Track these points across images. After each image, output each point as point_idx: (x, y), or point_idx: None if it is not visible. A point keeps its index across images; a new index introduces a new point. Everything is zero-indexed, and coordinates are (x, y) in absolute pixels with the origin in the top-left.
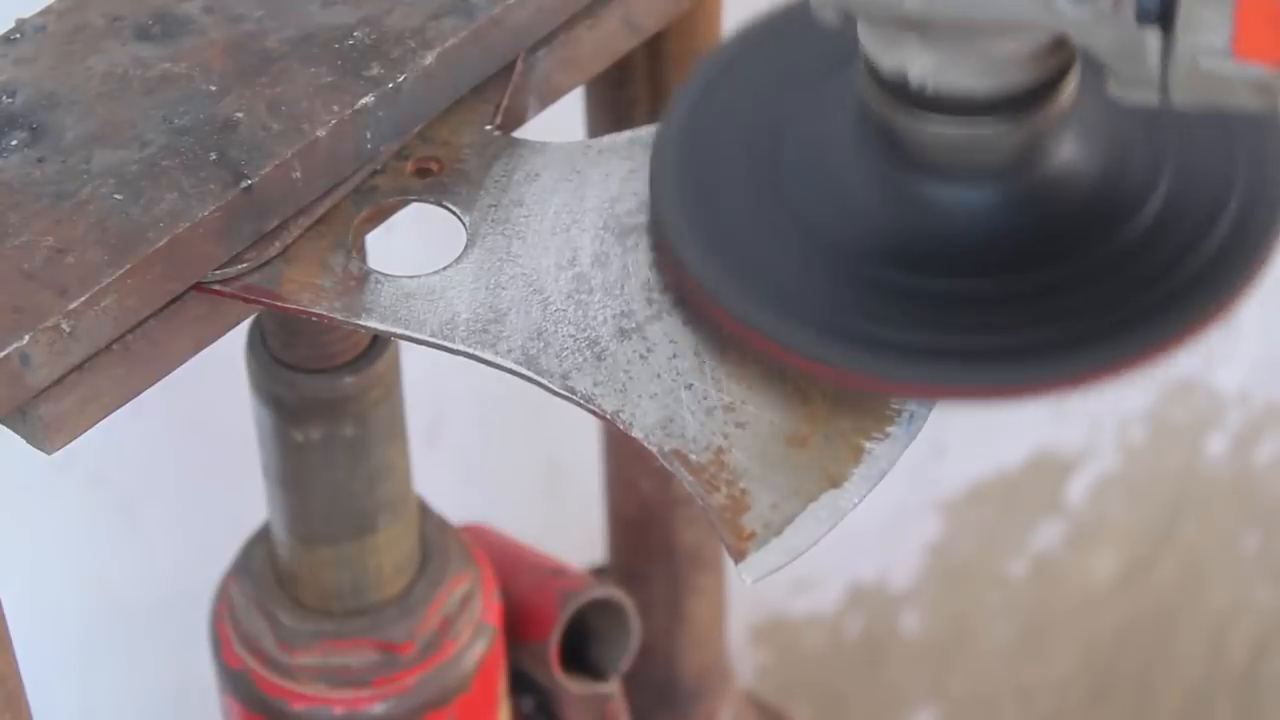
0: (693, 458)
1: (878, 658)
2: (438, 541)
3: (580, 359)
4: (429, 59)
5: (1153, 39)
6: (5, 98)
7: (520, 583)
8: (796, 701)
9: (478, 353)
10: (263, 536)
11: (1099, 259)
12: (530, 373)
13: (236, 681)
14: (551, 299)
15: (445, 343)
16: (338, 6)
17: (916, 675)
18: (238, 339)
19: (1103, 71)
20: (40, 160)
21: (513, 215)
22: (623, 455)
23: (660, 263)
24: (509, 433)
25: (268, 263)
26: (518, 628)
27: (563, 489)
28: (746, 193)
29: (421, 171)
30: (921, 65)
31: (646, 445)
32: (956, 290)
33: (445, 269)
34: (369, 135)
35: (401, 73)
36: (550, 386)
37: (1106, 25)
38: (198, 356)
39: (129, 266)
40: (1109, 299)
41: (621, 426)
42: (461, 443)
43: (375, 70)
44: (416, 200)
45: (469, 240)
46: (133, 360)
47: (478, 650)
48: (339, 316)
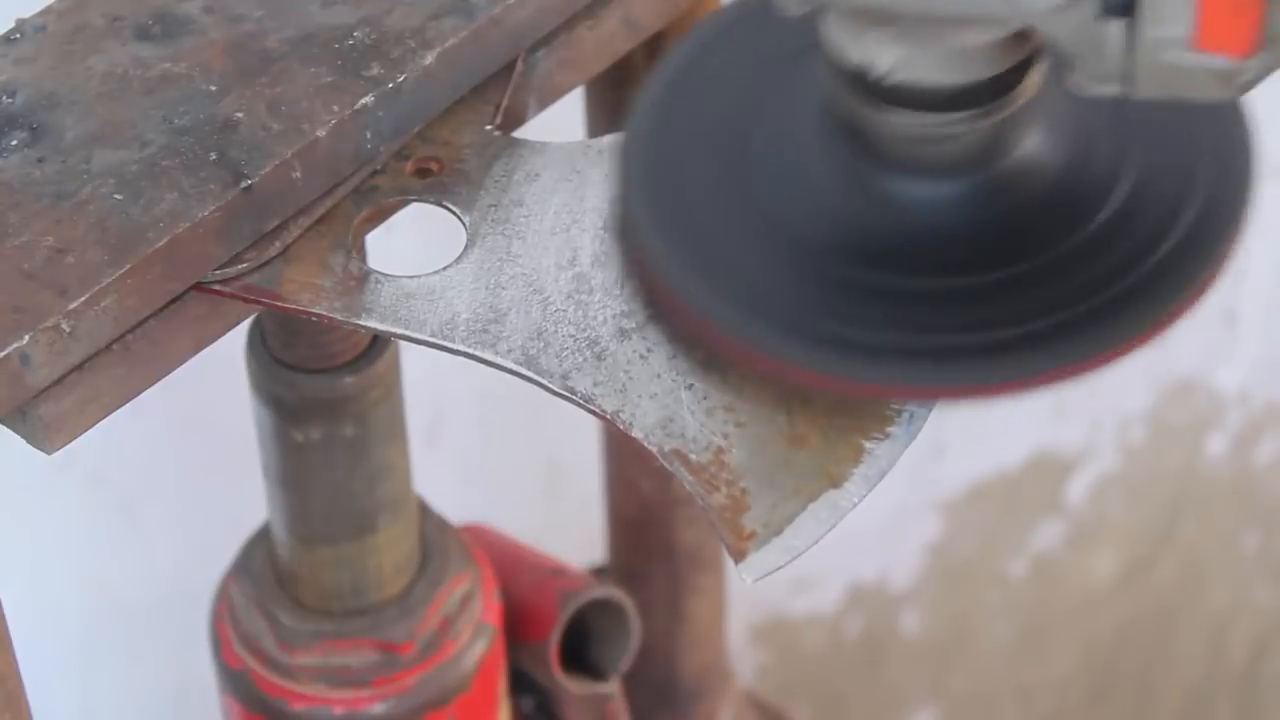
0: (693, 457)
1: (878, 658)
2: (438, 541)
3: (580, 359)
4: (429, 59)
5: (1115, 30)
6: (5, 98)
7: (520, 583)
8: (796, 701)
9: (478, 353)
10: (263, 536)
11: (1066, 252)
12: (530, 373)
13: (236, 681)
14: (551, 299)
15: (445, 343)
16: (338, 6)
17: (916, 675)
18: (238, 339)
19: (1064, 63)
20: (40, 160)
21: (513, 215)
22: (623, 455)
23: (626, 265)
24: (509, 433)
25: (268, 263)
26: (518, 628)
27: (563, 489)
28: (713, 190)
29: (421, 171)
30: (886, 58)
31: (646, 445)
32: (924, 288)
33: (445, 269)
34: (369, 135)
35: (401, 73)
36: (550, 386)
37: (1068, 17)
38: (198, 356)
39: (129, 266)
40: (1078, 293)
41: (621, 426)
42: (461, 443)
43: (375, 70)
44: (416, 200)
45: (469, 240)
46: (133, 360)
47: (478, 650)
48: (339, 316)
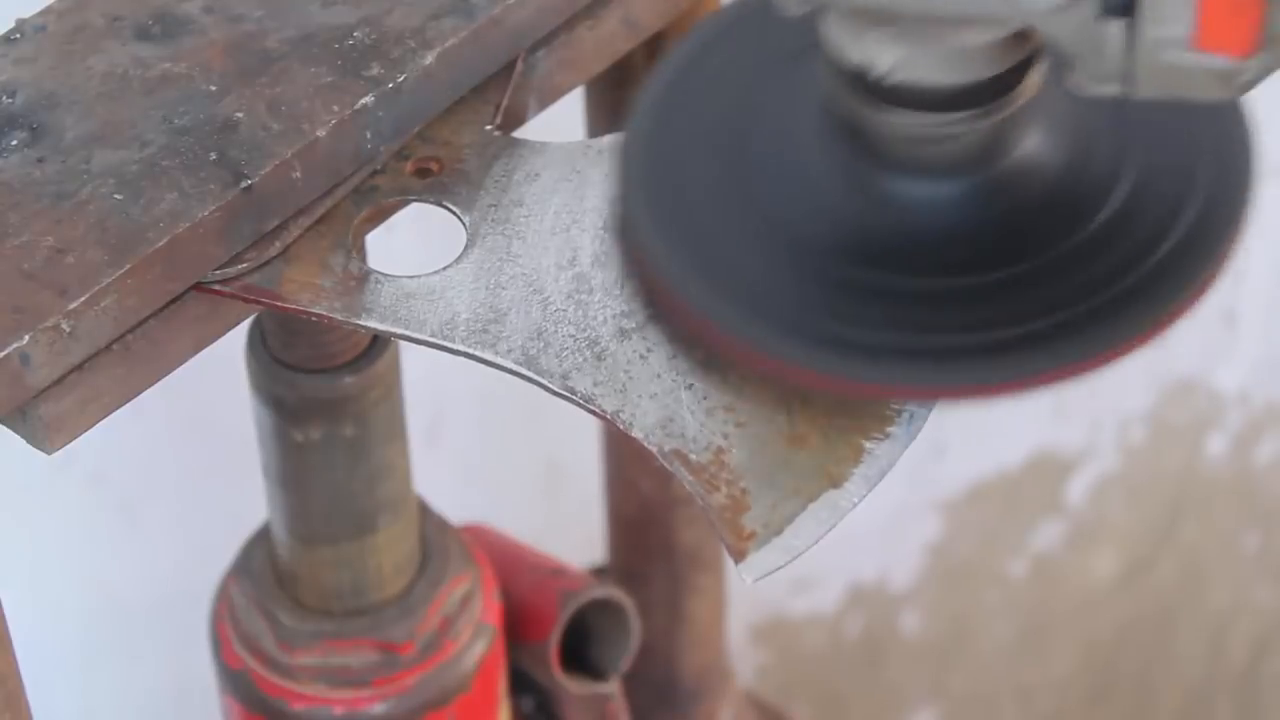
0: (693, 457)
1: (878, 658)
2: (438, 541)
3: (580, 359)
4: (429, 59)
5: (1115, 30)
6: (5, 98)
7: (520, 583)
8: (796, 701)
9: (478, 353)
10: (263, 536)
11: (1066, 252)
12: (530, 373)
13: (236, 681)
14: (551, 299)
15: (445, 343)
16: (338, 6)
17: (916, 675)
18: (238, 339)
19: (1064, 63)
20: (40, 160)
21: (513, 215)
22: (623, 455)
23: (626, 265)
24: (509, 433)
25: (268, 263)
26: (518, 628)
27: (563, 489)
28: (713, 190)
29: (421, 171)
30: (886, 58)
31: (646, 445)
32: (924, 287)
33: (445, 269)
34: (369, 135)
35: (401, 73)
36: (550, 386)
37: (1068, 17)
38: (198, 356)
39: (129, 266)
40: (1078, 293)
41: (621, 426)
42: (461, 443)
43: (375, 70)
44: (416, 200)
45: (469, 240)
46: (133, 360)
47: (478, 650)
48: (339, 316)
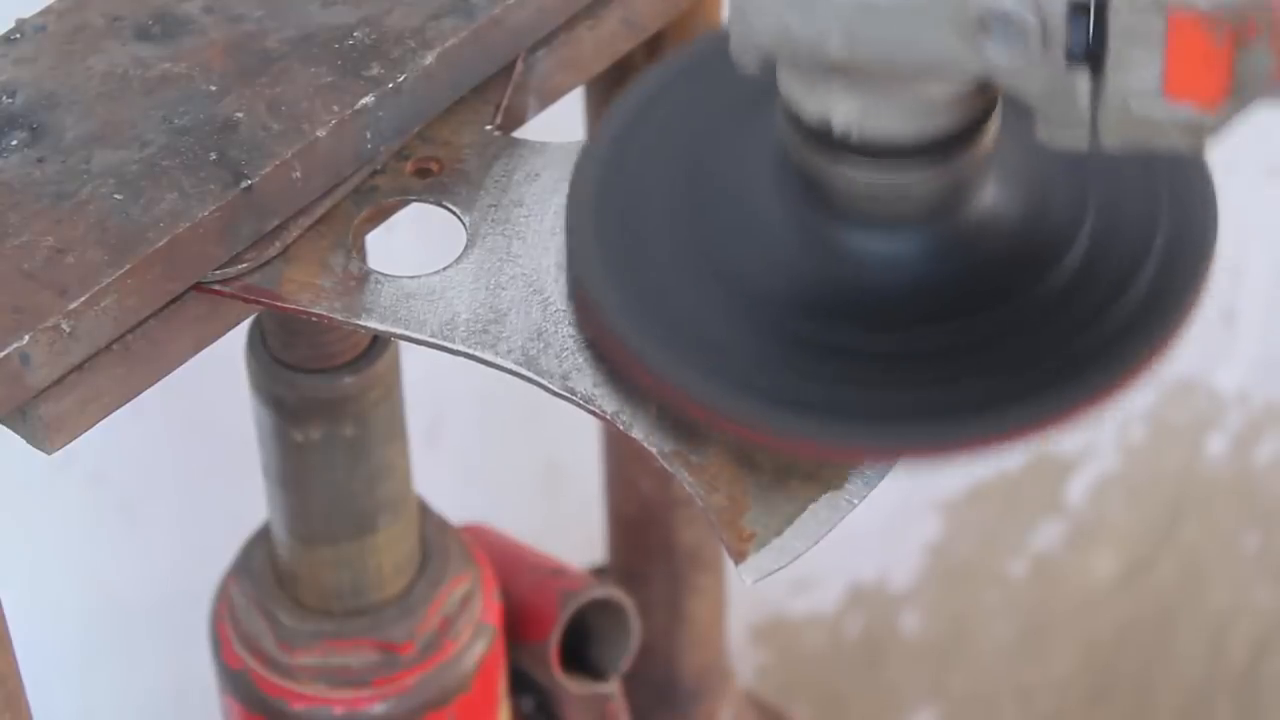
0: (693, 458)
1: (878, 658)
2: (438, 541)
3: (580, 359)
4: (429, 59)
5: (1083, 81)
6: (5, 98)
7: (520, 583)
8: (796, 701)
9: (478, 353)
10: (263, 536)
11: (1027, 306)
12: (530, 373)
13: (236, 681)
14: (552, 299)
15: (445, 343)
16: (338, 6)
17: (916, 675)
18: (238, 339)
19: (1023, 113)
20: (40, 160)
21: (513, 215)
22: (623, 455)
23: (579, 316)
24: (509, 433)
25: (268, 263)
26: (518, 628)
27: (563, 489)
28: (668, 245)
29: (421, 171)
30: (845, 111)
31: (646, 446)
32: (882, 344)
33: (445, 269)
34: (369, 135)
35: (401, 73)
36: (550, 387)
37: (1036, 68)
38: (198, 356)
39: (129, 266)
40: (1040, 349)
41: (621, 427)
42: (461, 443)
43: (375, 70)
44: (416, 200)
45: (469, 240)
46: (133, 360)
47: (478, 650)
48: (339, 316)
